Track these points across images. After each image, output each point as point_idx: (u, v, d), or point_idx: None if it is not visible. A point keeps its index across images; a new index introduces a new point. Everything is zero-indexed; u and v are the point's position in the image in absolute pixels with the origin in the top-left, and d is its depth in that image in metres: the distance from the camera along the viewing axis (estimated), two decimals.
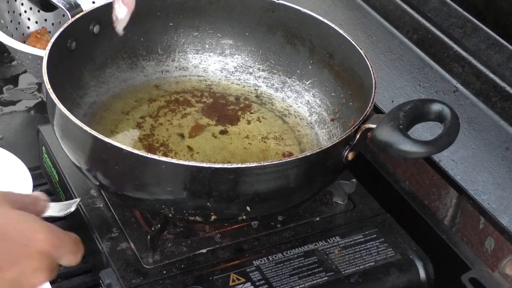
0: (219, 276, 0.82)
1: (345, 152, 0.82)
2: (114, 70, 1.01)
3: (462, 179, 0.95)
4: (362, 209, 0.93)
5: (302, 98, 1.02)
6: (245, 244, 0.87)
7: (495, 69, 0.94)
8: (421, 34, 1.03)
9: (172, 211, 0.81)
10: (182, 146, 0.93)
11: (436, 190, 1.11)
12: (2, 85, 1.22)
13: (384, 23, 1.09)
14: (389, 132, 0.78)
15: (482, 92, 0.95)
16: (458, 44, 0.98)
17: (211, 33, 1.06)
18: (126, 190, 0.80)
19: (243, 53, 1.06)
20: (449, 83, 0.99)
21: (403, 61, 1.06)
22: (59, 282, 0.89)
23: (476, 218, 1.04)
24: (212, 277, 0.82)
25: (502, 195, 0.91)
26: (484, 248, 1.03)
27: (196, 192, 0.77)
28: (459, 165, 0.96)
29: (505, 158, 0.92)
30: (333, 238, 0.88)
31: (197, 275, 0.82)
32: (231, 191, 0.77)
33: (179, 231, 0.87)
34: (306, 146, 0.97)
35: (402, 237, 0.89)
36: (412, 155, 0.77)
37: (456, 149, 0.95)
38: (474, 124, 0.96)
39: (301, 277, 0.83)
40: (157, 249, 0.84)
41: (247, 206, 0.80)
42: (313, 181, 0.83)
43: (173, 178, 0.77)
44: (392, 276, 0.85)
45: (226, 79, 1.06)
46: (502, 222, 0.90)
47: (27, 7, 1.21)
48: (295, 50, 1.03)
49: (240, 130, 0.98)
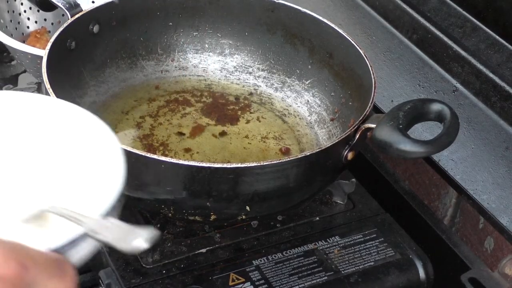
0: (218, 276, 0.82)
1: (344, 152, 0.82)
2: (113, 70, 1.01)
3: (462, 178, 0.95)
4: (361, 209, 0.93)
5: (301, 98, 1.02)
6: (244, 243, 0.87)
7: (494, 68, 0.94)
8: (421, 34, 1.03)
9: (172, 211, 0.81)
10: (181, 146, 0.93)
11: (435, 190, 1.11)
12: (2, 85, 1.22)
13: (383, 23, 1.09)
14: (389, 131, 0.78)
15: (482, 92, 0.95)
16: (458, 43, 0.98)
17: (210, 33, 1.06)
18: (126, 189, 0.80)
19: (243, 52, 1.06)
20: (449, 82, 0.99)
21: (403, 60, 1.06)
22: None
23: (476, 218, 1.04)
24: (211, 276, 0.82)
25: (502, 194, 0.91)
26: (484, 247, 1.03)
27: (195, 191, 0.77)
28: (458, 164, 0.96)
29: (505, 157, 0.92)
30: (332, 238, 0.88)
31: (197, 275, 0.82)
32: (231, 191, 0.77)
33: (179, 230, 0.87)
34: (305, 146, 0.97)
35: (402, 237, 0.89)
36: (412, 155, 0.77)
37: (455, 148, 0.95)
38: (473, 123, 0.96)
39: (300, 276, 0.83)
40: (157, 249, 0.84)
41: (247, 206, 0.80)
42: (313, 180, 0.83)
43: (173, 178, 0.77)
44: (392, 275, 0.85)
45: (226, 79, 1.06)
46: (502, 221, 0.90)
47: (27, 6, 1.21)
48: (295, 50, 1.03)
49: (240, 130, 0.98)
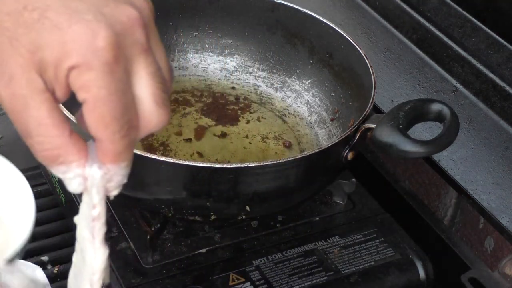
0: (218, 276, 0.82)
1: (344, 152, 0.82)
2: None
3: (462, 178, 0.95)
4: (361, 209, 0.93)
5: (301, 98, 1.02)
6: (244, 243, 0.87)
7: (494, 68, 0.94)
8: (421, 33, 1.03)
9: (172, 211, 0.81)
10: (181, 146, 0.93)
11: (435, 190, 1.11)
12: None
13: (383, 22, 1.09)
14: (389, 132, 0.78)
15: (482, 92, 0.95)
16: (458, 44, 0.98)
17: (210, 33, 1.06)
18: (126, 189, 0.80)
19: (243, 52, 1.06)
20: (449, 83, 0.99)
21: (403, 60, 1.06)
22: (58, 281, 0.89)
23: (476, 218, 1.04)
24: (211, 276, 0.82)
25: (502, 194, 0.91)
26: (484, 247, 1.03)
27: (195, 192, 0.77)
28: (458, 164, 0.96)
29: (505, 157, 0.92)
30: (332, 237, 0.88)
31: (197, 275, 0.82)
32: (231, 191, 0.77)
33: (179, 230, 0.87)
34: (305, 146, 0.97)
35: (402, 237, 0.89)
36: (412, 155, 0.77)
37: (455, 148, 0.95)
38: (473, 123, 0.96)
39: (300, 276, 0.83)
40: (157, 249, 0.84)
41: (247, 206, 0.80)
42: (313, 181, 0.83)
43: (173, 178, 0.77)
44: (392, 275, 0.85)
45: (226, 79, 1.06)
46: (502, 221, 0.90)
47: None
48: (295, 50, 1.03)
49: (240, 130, 0.98)
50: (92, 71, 0.46)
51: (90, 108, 0.47)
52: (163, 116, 0.50)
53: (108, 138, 0.48)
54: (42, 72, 0.47)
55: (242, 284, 0.82)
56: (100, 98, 0.47)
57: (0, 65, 0.47)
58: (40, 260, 0.91)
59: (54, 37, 0.46)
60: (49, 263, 0.91)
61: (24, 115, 0.48)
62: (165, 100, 0.50)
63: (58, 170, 0.50)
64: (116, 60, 0.47)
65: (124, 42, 0.48)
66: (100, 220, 0.52)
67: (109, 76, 0.47)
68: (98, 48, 0.46)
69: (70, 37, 0.46)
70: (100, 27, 0.46)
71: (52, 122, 0.48)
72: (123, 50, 0.48)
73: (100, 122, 0.47)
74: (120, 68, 0.47)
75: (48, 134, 0.48)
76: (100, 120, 0.47)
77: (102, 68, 0.46)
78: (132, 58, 0.48)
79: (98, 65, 0.46)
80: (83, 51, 0.46)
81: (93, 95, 0.47)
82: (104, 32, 0.46)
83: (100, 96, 0.47)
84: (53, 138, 0.48)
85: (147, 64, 0.49)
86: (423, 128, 0.98)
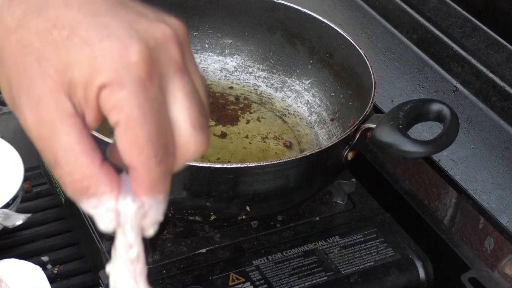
0: (218, 276, 0.82)
1: (344, 152, 0.82)
2: None
3: (462, 178, 0.95)
4: (361, 209, 0.93)
5: (301, 98, 1.02)
6: (244, 243, 0.87)
7: (494, 68, 0.94)
8: (421, 33, 1.03)
9: (172, 211, 0.81)
10: None
11: (435, 190, 1.11)
12: None
13: (383, 22, 1.09)
14: (389, 132, 0.78)
15: (482, 92, 0.95)
16: (458, 43, 0.98)
17: (210, 33, 1.06)
18: None
19: (243, 52, 1.06)
20: (449, 82, 0.99)
21: (403, 60, 1.06)
22: (58, 282, 0.89)
23: (476, 218, 1.04)
24: (211, 276, 0.82)
25: (502, 194, 0.91)
26: (484, 247, 1.03)
27: (195, 192, 0.77)
28: (458, 165, 0.96)
29: (505, 157, 0.92)
30: (332, 237, 0.88)
31: (197, 275, 0.82)
32: (231, 191, 0.77)
33: (179, 231, 0.87)
34: (305, 146, 0.97)
35: (402, 237, 0.89)
36: (412, 155, 0.77)
37: (455, 149, 0.95)
38: (473, 124, 0.96)
39: (300, 276, 0.83)
40: (157, 249, 0.84)
41: (247, 206, 0.80)
42: (313, 181, 0.83)
43: (173, 178, 0.77)
44: (392, 275, 0.85)
45: (226, 79, 1.06)
46: (502, 221, 0.90)
47: None
48: (295, 50, 1.03)
49: (240, 130, 0.98)
50: (124, 89, 0.43)
51: (123, 130, 0.43)
52: (202, 143, 0.46)
53: (143, 164, 0.44)
54: (72, 94, 0.44)
55: (242, 284, 0.82)
56: (133, 118, 0.43)
57: (28, 87, 0.44)
58: (40, 260, 0.91)
59: (83, 54, 0.43)
60: (49, 263, 0.91)
61: (52, 142, 0.44)
62: (204, 124, 0.46)
63: (89, 204, 0.46)
64: (150, 77, 0.43)
65: (159, 58, 0.44)
66: (140, 261, 0.48)
67: (143, 94, 0.43)
68: (131, 62, 0.43)
69: (101, 53, 0.43)
70: (132, 41, 0.43)
71: (82, 149, 0.44)
72: (158, 67, 0.44)
73: (134, 145, 0.43)
74: (155, 86, 0.44)
75: (78, 162, 0.44)
76: (133, 143, 0.43)
77: (135, 84, 0.43)
78: (167, 77, 0.45)
79: (131, 82, 0.43)
80: (114, 66, 0.43)
81: (126, 115, 0.43)
82: (137, 46, 0.43)
83: (133, 116, 0.43)
84: (82, 167, 0.44)
85: (183, 84, 0.45)
86: (423, 128, 0.98)
